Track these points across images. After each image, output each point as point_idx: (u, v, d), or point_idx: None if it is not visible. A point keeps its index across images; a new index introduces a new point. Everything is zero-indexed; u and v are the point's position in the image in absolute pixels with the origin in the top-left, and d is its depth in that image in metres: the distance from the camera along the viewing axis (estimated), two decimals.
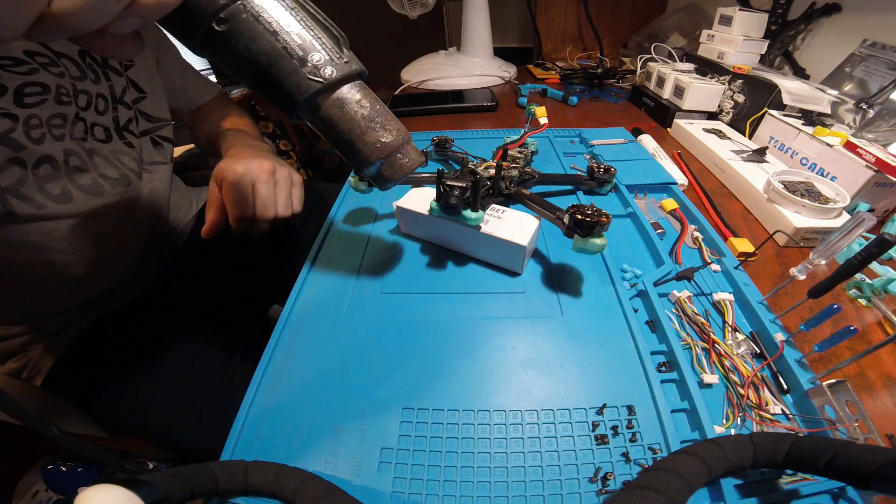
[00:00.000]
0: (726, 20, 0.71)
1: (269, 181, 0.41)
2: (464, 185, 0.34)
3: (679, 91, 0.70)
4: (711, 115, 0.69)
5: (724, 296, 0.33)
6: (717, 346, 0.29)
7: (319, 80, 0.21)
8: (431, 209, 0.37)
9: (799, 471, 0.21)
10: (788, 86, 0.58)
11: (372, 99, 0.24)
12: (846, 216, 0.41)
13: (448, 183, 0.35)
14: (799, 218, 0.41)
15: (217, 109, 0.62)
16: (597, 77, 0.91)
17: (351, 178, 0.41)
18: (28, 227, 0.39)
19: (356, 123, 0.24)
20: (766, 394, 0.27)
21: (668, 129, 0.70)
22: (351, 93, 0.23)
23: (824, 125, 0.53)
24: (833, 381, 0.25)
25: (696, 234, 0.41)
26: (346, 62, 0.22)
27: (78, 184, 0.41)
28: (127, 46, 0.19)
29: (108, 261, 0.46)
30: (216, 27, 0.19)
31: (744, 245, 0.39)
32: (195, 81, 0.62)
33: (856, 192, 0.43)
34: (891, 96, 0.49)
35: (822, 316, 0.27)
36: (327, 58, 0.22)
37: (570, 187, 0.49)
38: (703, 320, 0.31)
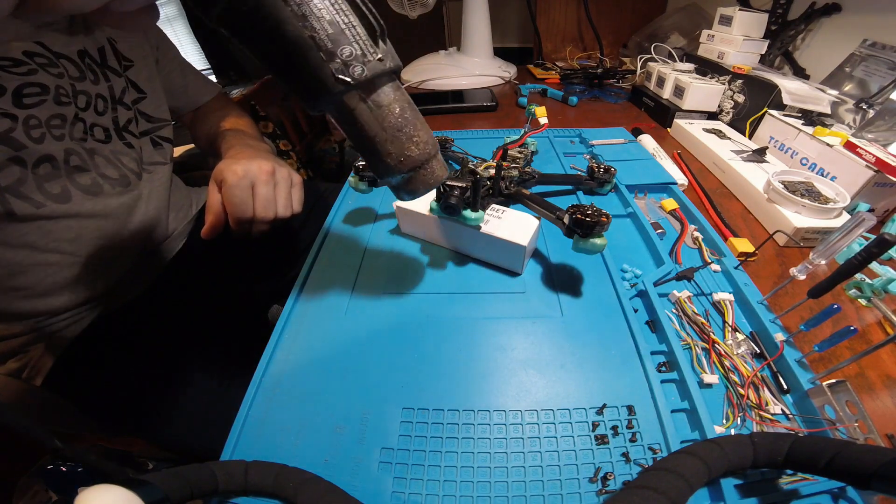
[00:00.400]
0: (726, 20, 0.71)
1: (268, 182, 0.41)
2: (464, 185, 0.34)
3: (679, 91, 0.70)
4: (711, 115, 0.69)
5: (724, 296, 0.33)
6: (717, 346, 0.29)
7: (346, 79, 0.19)
8: (431, 209, 0.37)
9: (799, 471, 0.21)
10: (788, 86, 0.58)
11: (403, 103, 0.22)
12: (846, 216, 0.41)
13: (448, 183, 0.35)
14: (799, 218, 0.41)
15: (217, 109, 0.62)
16: (597, 77, 0.91)
17: (351, 178, 0.41)
18: (26, 228, 0.39)
19: (381, 131, 0.22)
20: (766, 394, 0.27)
21: (668, 129, 0.69)
22: (380, 96, 0.21)
23: (824, 125, 0.53)
24: (833, 381, 0.25)
25: (696, 234, 0.41)
26: (379, 59, 0.20)
27: (78, 183, 0.41)
28: (138, 19, 0.18)
29: (108, 261, 0.46)
30: (240, 5, 0.17)
31: (744, 245, 0.39)
32: (195, 81, 0.62)
33: (856, 192, 0.43)
34: (891, 96, 0.49)
35: (822, 316, 0.27)
36: (359, 52, 0.19)
37: (570, 187, 0.49)
38: (703, 320, 0.31)
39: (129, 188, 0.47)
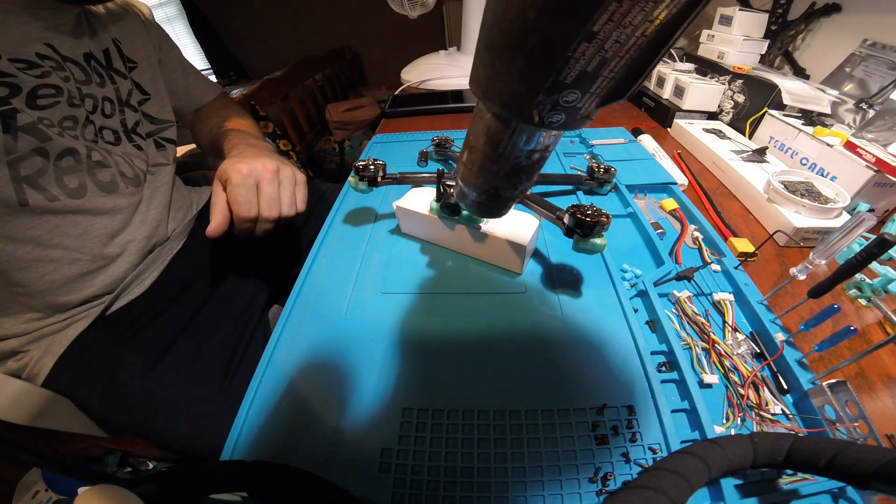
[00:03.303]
0: (726, 20, 0.71)
1: (273, 181, 0.41)
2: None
3: (679, 91, 0.70)
4: (711, 115, 0.69)
5: (724, 296, 0.33)
6: (717, 346, 0.29)
7: (536, 118, 0.15)
8: (431, 209, 0.37)
9: (799, 471, 0.21)
10: (788, 86, 0.58)
11: (550, 151, 0.20)
12: (846, 216, 0.41)
13: (448, 183, 0.35)
14: (799, 218, 0.41)
15: (218, 109, 0.63)
16: None
17: (351, 178, 0.41)
18: (34, 221, 0.39)
19: (514, 160, 0.20)
20: (766, 394, 0.27)
21: (668, 129, 0.69)
22: (544, 140, 0.19)
23: (824, 125, 0.52)
24: (833, 381, 0.25)
25: (696, 234, 0.41)
26: (585, 116, 0.16)
27: (97, 179, 0.42)
28: None
29: (110, 260, 0.46)
30: None
31: (744, 245, 0.39)
32: (196, 82, 0.62)
33: (856, 192, 0.43)
34: (891, 96, 0.49)
35: (822, 316, 0.27)
36: (579, 105, 0.15)
37: (570, 187, 0.49)
38: (703, 320, 0.31)
39: (138, 188, 0.48)
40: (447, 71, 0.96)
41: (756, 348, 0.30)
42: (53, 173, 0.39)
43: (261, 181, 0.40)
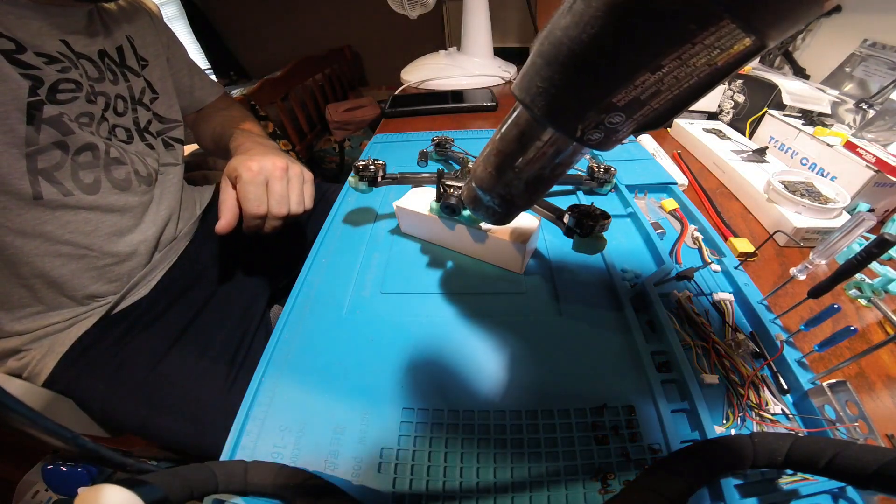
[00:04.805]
0: None
1: (282, 178, 0.41)
2: (463, 185, 0.34)
3: None
4: (711, 115, 0.69)
5: (724, 296, 0.33)
6: (717, 346, 0.29)
7: (577, 133, 0.16)
8: (431, 209, 0.37)
9: (799, 471, 0.21)
10: (788, 86, 0.58)
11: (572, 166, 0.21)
12: (846, 216, 0.41)
13: (448, 183, 0.35)
14: (799, 218, 0.41)
15: (221, 109, 0.63)
16: None
17: (351, 178, 0.41)
18: (46, 216, 0.39)
19: (540, 171, 0.21)
20: (766, 394, 0.27)
21: (668, 129, 0.69)
22: (571, 157, 0.20)
23: (824, 125, 0.52)
24: (833, 381, 0.25)
25: (696, 234, 0.41)
26: (618, 140, 0.17)
27: (112, 176, 0.43)
28: None
29: (119, 258, 0.46)
30: None
31: (744, 245, 0.39)
32: (201, 82, 0.62)
33: (856, 192, 0.43)
34: (891, 96, 0.49)
35: (822, 316, 0.27)
36: (621, 128, 0.16)
37: (570, 187, 0.49)
38: (704, 320, 0.31)
39: (150, 187, 0.48)
40: (447, 71, 0.96)
41: (756, 348, 0.30)
42: (70, 167, 0.39)
43: (271, 178, 0.40)
